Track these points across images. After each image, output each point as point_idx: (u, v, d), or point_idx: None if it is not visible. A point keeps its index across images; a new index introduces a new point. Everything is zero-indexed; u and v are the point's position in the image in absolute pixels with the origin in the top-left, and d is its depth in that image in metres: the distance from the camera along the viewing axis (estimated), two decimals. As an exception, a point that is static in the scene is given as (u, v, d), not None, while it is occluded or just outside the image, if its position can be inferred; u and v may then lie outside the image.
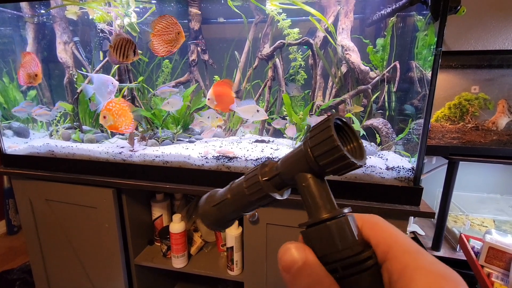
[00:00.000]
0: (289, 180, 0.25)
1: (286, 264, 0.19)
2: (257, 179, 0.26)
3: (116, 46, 0.86)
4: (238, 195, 0.27)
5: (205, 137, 1.07)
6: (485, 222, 1.28)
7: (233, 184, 0.28)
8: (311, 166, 0.23)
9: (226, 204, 0.28)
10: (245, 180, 0.27)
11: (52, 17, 1.16)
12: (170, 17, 0.91)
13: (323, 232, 0.21)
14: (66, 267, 1.13)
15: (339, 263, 0.20)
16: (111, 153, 0.97)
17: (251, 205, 0.27)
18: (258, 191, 0.26)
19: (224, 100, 0.96)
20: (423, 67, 0.93)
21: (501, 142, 1.09)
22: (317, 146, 0.22)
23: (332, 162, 0.21)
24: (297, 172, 0.24)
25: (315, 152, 0.22)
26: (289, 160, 0.25)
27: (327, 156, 0.21)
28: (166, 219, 1.15)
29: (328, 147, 0.21)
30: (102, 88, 0.91)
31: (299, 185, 0.24)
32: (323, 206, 0.22)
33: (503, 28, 1.25)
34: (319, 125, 0.22)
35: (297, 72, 1.15)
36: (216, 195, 0.29)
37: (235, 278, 1.00)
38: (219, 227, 0.30)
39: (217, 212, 0.29)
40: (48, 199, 1.06)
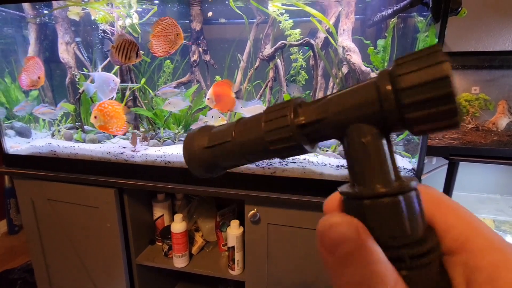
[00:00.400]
0: (336, 129, 0.17)
1: (333, 242, 0.14)
2: (288, 121, 0.18)
3: (119, 47, 0.86)
4: (251, 139, 0.19)
5: None
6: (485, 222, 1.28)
7: (242, 121, 0.20)
8: (386, 117, 0.15)
9: (227, 147, 0.20)
10: (266, 121, 0.19)
11: (54, 18, 1.16)
12: (170, 19, 0.91)
13: (389, 208, 0.15)
14: (68, 266, 1.14)
15: (407, 251, 0.15)
16: (113, 153, 0.97)
17: (267, 154, 0.19)
18: (285, 139, 0.18)
19: (223, 100, 0.97)
20: (424, 68, 0.93)
21: (501, 142, 1.09)
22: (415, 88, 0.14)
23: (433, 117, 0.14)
24: (355, 121, 0.16)
25: (406, 97, 0.14)
26: (345, 101, 0.17)
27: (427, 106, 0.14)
28: (167, 219, 1.15)
29: (433, 77, 0.14)
30: (104, 86, 0.92)
31: (354, 139, 0.16)
32: (389, 173, 0.16)
33: (503, 29, 1.26)
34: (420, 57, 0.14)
35: (298, 72, 1.16)
36: (212, 132, 0.22)
37: (236, 277, 1.00)
38: (210, 173, 0.22)
39: (210, 156, 0.21)
40: (50, 199, 1.06)
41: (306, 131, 0.18)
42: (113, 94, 0.94)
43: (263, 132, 0.19)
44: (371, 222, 0.15)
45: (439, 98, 0.14)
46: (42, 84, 1.02)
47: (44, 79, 1.00)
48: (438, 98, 0.14)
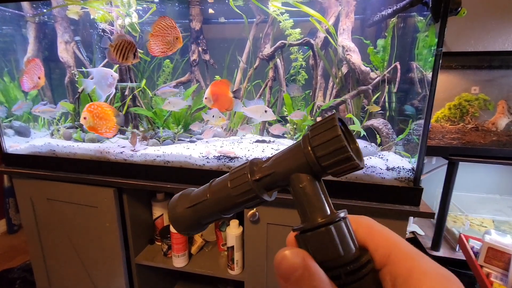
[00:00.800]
0: (282, 180, 0.23)
1: (285, 272, 0.18)
2: (246, 178, 0.23)
3: (117, 46, 0.86)
4: (221, 196, 0.24)
5: (205, 137, 1.07)
6: (484, 222, 1.28)
7: (214, 183, 0.26)
8: (311, 166, 0.21)
9: (204, 205, 0.25)
10: (231, 180, 0.24)
11: (54, 17, 1.16)
12: (170, 20, 0.91)
13: (323, 236, 0.19)
14: (67, 266, 1.14)
15: (342, 269, 0.19)
16: (112, 153, 0.97)
17: (235, 206, 0.24)
18: (246, 192, 0.23)
19: (221, 100, 0.97)
20: (424, 68, 0.93)
21: (500, 142, 1.09)
22: (321, 145, 0.20)
23: (336, 163, 0.20)
24: (293, 172, 0.22)
25: (318, 151, 0.20)
26: (284, 159, 0.23)
27: (331, 157, 0.20)
28: (167, 219, 1.15)
29: (334, 147, 0.20)
30: (102, 81, 0.92)
31: (295, 186, 0.22)
32: (321, 209, 0.21)
33: (503, 29, 1.26)
34: (323, 124, 0.21)
35: (298, 72, 1.16)
36: (190, 195, 0.26)
37: (235, 277, 1.00)
38: (192, 231, 0.27)
39: (191, 215, 0.26)
40: (49, 198, 1.06)
41: (261, 184, 0.23)
42: (112, 89, 0.94)
43: (229, 189, 0.24)
44: (313, 249, 0.19)
45: (337, 149, 0.20)
46: (43, 85, 1.02)
47: (44, 79, 1.00)
48: (336, 149, 0.20)
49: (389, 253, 0.19)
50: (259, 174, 0.23)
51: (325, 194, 0.22)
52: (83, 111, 0.91)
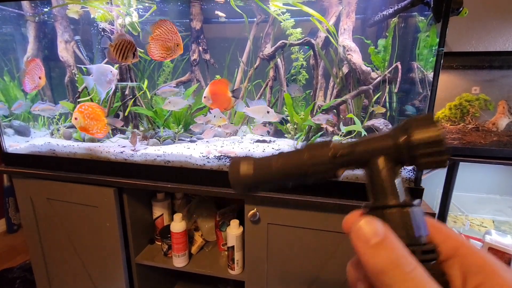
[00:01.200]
0: (360, 160, 0.24)
1: (367, 234, 0.19)
2: (325, 151, 0.24)
3: (117, 46, 0.86)
4: (293, 163, 0.25)
5: (205, 137, 1.07)
6: (485, 223, 1.28)
7: (284, 153, 0.26)
8: (400, 153, 0.22)
9: (271, 168, 0.26)
10: (309, 149, 0.25)
11: (54, 16, 1.16)
12: (171, 25, 0.91)
13: (404, 215, 0.21)
14: (67, 265, 1.13)
15: (418, 247, 0.20)
16: (112, 152, 0.97)
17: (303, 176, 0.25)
18: (322, 164, 0.24)
19: (220, 99, 0.97)
20: (425, 68, 0.93)
21: (501, 143, 1.09)
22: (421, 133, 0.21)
23: (430, 154, 0.21)
24: (378, 155, 0.23)
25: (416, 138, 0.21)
26: (371, 142, 0.24)
27: (428, 146, 0.21)
28: (167, 218, 1.15)
29: (434, 138, 0.21)
30: (102, 78, 0.92)
31: (375, 167, 0.23)
32: (401, 192, 0.22)
33: (504, 29, 1.26)
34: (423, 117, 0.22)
35: (299, 72, 1.15)
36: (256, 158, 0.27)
37: (235, 277, 1.00)
38: (250, 191, 0.27)
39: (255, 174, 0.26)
40: (49, 198, 1.06)
41: (338, 160, 0.24)
42: (112, 86, 0.94)
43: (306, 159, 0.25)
44: (391, 225, 0.20)
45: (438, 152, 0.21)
46: (44, 84, 1.01)
47: (45, 79, 1.00)
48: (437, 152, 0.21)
49: (457, 247, 0.20)
50: (340, 150, 0.24)
51: (402, 181, 0.23)
52: (74, 112, 0.91)
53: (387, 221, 0.21)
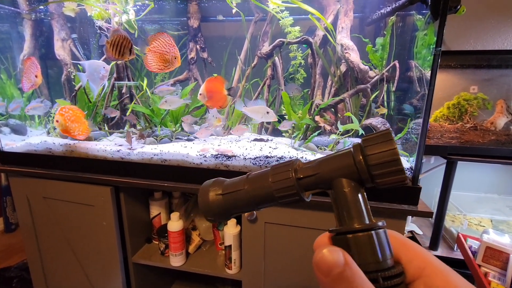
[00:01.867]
0: (324, 183, 0.24)
1: (326, 266, 0.18)
2: (290, 175, 0.24)
3: (113, 42, 0.86)
4: (260, 189, 0.25)
5: (200, 136, 1.06)
6: (483, 222, 1.28)
7: (252, 175, 0.26)
8: (360, 174, 0.22)
9: (239, 195, 0.26)
10: (273, 174, 0.25)
11: (50, 14, 1.15)
12: (168, 37, 0.92)
13: (366, 240, 0.20)
14: (64, 265, 1.13)
15: (380, 273, 0.19)
16: (109, 151, 0.97)
17: (272, 201, 0.25)
18: (287, 188, 0.24)
19: (215, 97, 0.97)
20: (422, 67, 0.92)
21: (499, 142, 1.09)
22: (376, 155, 0.21)
23: (387, 174, 0.21)
24: (339, 176, 0.23)
25: (371, 160, 0.21)
26: (331, 163, 0.24)
27: (384, 167, 0.21)
28: (164, 217, 1.14)
29: (389, 158, 0.21)
30: (95, 74, 0.92)
31: (338, 189, 0.23)
32: (363, 215, 0.22)
33: (502, 28, 1.25)
34: (379, 136, 0.22)
35: (297, 70, 1.15)
36: (224, 184, 0.27)
37: (233, 276, 1.00)
38: (220, 218, 0.27)
39: (223, 203, 0.26)
40: (45, 197, 1.05)
41: (303, 183, 0.24)
42: (104, 81, 0.94)
43: (270, 183, 0.24)
44: (353, 251, 0.20)
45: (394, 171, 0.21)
46: (40, 83, 1.01)
47: (41, 77, 1.00)
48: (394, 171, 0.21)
49: (424, 266, 0.20)
50: (303, 173, 0.24)
51: (366, 202, 0.23)
52: (56, 114, 0.93)
53: (350, 247, 0.20)
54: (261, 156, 0.88)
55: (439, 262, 0.20)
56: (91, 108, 1.15)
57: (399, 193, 0.79)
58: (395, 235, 0.22)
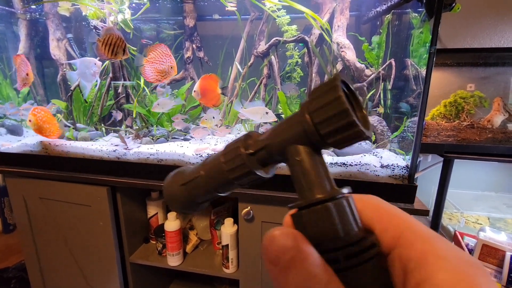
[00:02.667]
0: (278, 153, 0.20)
1: (274, 254, 0.15)
2: (239, 151, 0.21)
3: (106, 41, 0.85)
4: (214, 172, 0.23)
5: (196, 136, 1.05)
6: (480, 220, 1.28)
7: (208, 159, 0.24)
8: (309, 136, 0.19)
9: (197, 182, 0.23)
10: (224, 154, 0.22)
11: (45, 14, 1.14)
12: (166, 48, 0.94)
13: (321, 214, 0.17)
14: (61, 265, 1.13)
15: (340, 252, 0.16)
16: (105, 151, 0.96)
17: (229, 184, 0.22)
18: (239, 167, 0.21)
19: (208, 95, 0.97)
20: (419, 65, 0.92)
21: (496, 140, 1.09)
22: (320, 110, 0.18)
23: (337, 130, 0.17)
24: (290, 143, 0.20)
25: (317, 117, 0.18)
26: (280, 129, 0.20)
27: (332, 123, 0.17)
28: (162, 217, 1.14)
29: (335, 111, 0.17)
30: (86, 71, 0.93)
31: (291, 159, 0.20)
32: (320, 184, 0.18)
33: (499, 26, 1.25)
34: (323, 85, 0.18)
35: (294, 69, 1.15)
36: (185, 173, 0.25)
37: (230, 276, 1.00)
38: (188, 209, 0.25)
39: (185, 193, 0.24)
40: (42, 197, 1.05)
41: (256, 158, 0.21)
42: (96, 78, 0.95)
43: (222, 164, 0.22)
44: (309, 229, 0.17)
45: (337, 113, 0.17)
46: (33, 80, 1.01)
47: (32, 75, 1.00)
48: (337, 113, 0.17)
49: (400, 235, 0.16)
50: (254, 147, 0.21)
51: (325, 168, 0.19)
52: (29, 114, 0.95)
53: (305, 225, 0.17)
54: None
55: (421, 227, 0.16)
56: (87, 108, 1.15)
57: (395, 191, 0.79)
58: (369, 200, 0.19)
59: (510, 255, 0.85)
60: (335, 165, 0.82)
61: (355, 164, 0.81)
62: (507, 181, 1.38)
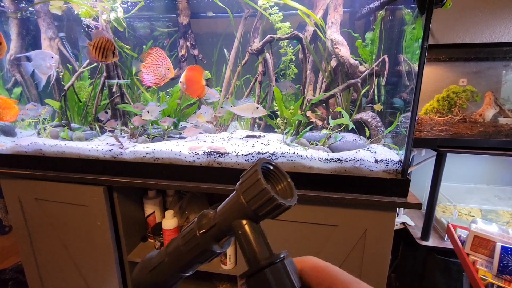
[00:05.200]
0: (227, 229, 0.24)
1: None
2: (194, 233, 0.25)
3: (96, 44, 0.86)
4: (175, 255, 0.26)
5: (188, 135, 1.05)
6: (472, 212, 1.31)
7: (170, 244, 0.27)
8: (246, 212, 0.23)
9: (163, 267, 0.26)
10: (182, 237, 0.26)
11: (36, 12, 1.13)
12: (161, 51, 0.96)
13: (262, 281, 0.21)
14: (59, 266, 1.13)
15: None
16: (100, 151, 0.96)
17: (190, 264, 0.25)
18: (195, 247, 0.25)
19: (193, 86, 0.98)
20: (411, 61, 0.93)
21: (487, 133, 1.11)
22: (248, 190, 0.22)
23: (262, 205, 0.22)
24: (233, 219, 0.24)
25: (246, 197, 0.23)
26: (225, 208, 0.25)
27: (257, 200, 0.22)
28: (159, 216, 1.15)
29: (257, 190, 0.22)
30: (42, 63, 0.93)
31: (236, 232, 0.23)
32: (260, 252, 0.22)
33: (490, 21, 1.27)
34: (248, 171, 0.23)
35: (288, 66, 1.15)
36: (152, 260, 0.28)
37: (228, 272, 1.01)
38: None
39: (153, 278, 0.27)
40: (38, 198, 1.05)
41: (209, 236, 0.25)
42: (52, 71, 0.96)
43: (181, 246, 0.25)
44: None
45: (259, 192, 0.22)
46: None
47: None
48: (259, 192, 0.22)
49: (330, 285, 0.21)
50: (206, 226, 0.25)
51: (263, 237, 0.23)
52: None
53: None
54: (253, 153, 0.88)
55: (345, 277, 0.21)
56: (82, 107, 1.14)
57: (389, 186, 0.81)
58: (307, 260, 0.23)
59: (501, 245, 0.87)
60: (330, 161, 0.83)
61: (349, 160, 0.82)
62: (498, 174, 1.41)
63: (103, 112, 1.09)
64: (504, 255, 0.86)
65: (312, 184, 0.84)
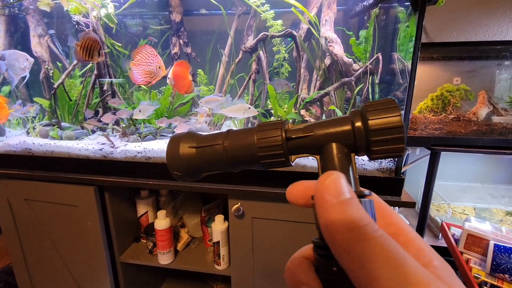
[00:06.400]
0: (315, 146, 0.22)
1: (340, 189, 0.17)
2: (279, 133, 0.22)
3: (83, 45, 0.85)
4: (240, 146, 0.22)
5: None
6: (466, 210, 1.32)
7: (233, 131, 0.23)
8: (356, 138, 0.21)
9: (216, 150, 0.22)
10: (259, 131, 0.22)
11: (25, 9, 1.10)
12: (151, 48, 0.93)
13: None
14: (50, 267, 1.11)
15: None
16: (91, 150, 0.94)
17: (252, 162, 0.22)
18: (274, 147, 0.21)
19: (180, 82, 0.97)
20: (405, 59, 0.93)
21: (480, 132, 1.12)
22: (378, 119, 0.20)
23: (386, 141, 0.20)
24: (332, 141, 0.21)
25: (373, 125, 0.20)
26: (325, 125, 0.22)
27: (385, 133, 0.20)
28: (152, 216, 1.13)
29: (392, 124, 0.19)
30: (15, 64, 0.92)
31: (329, 154, 0.21)
32: (352, 184, 0.21)
33: (483, 20, 1.27)
34: (383, 101, 0.21)
35: (281, 65, 1.14)
36: (200, 136, 0.24)
37: (222, 272, 1.00)
38: (186, 175, 0.24)
39: (195, 157, 0.23)
40: (27, 199, 1.02)
41: (292, 144, 0.22)
42: (26, 73, 0.94)
43: (255, 140, 0.22)
44: None
45: (394, 139, 0.20)
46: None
47: None
48: (394, 139, 0.20)
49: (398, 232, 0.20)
50: (293, 133, 0.22)
51: (355, 171, 0.21)
52: None
53: None
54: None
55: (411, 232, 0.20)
56: (72, 106, 1.12)
57: (382, 184, 0.80)
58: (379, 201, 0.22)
59: (494, 244, 0.87)
60: (323, 160, 0.83)
61: (343, 158, 0.81)
62: (491, 172, 1.42)
63: (90, 110, 1.06)
64: (498, 254, 0.86)
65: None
